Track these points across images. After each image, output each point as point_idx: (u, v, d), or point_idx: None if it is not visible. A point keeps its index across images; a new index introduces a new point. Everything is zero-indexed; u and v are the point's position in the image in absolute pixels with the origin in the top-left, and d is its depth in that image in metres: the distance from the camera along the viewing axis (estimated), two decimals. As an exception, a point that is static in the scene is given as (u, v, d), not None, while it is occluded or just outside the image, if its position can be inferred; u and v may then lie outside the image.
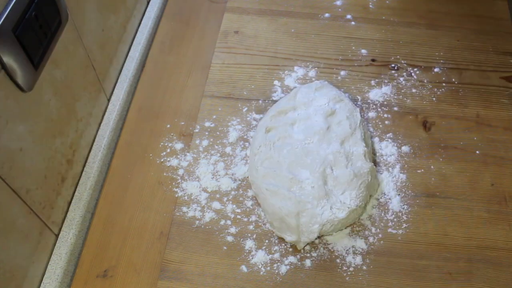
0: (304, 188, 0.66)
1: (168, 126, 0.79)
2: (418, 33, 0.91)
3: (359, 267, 0.66)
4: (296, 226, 0.64)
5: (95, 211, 0.71)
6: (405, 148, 0.76)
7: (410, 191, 0.72)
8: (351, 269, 0.66)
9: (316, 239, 0.66)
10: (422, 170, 0.74)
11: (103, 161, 0.77)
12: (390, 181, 0.73)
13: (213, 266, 0.66)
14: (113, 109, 0.82)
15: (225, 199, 0.72)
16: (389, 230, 0.69)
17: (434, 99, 0.82)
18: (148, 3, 0.97)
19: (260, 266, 0.66)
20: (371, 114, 0.80)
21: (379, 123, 0.79)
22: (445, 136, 0.78)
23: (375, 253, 0.67)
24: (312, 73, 0.86)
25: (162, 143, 0.77)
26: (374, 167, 0.71)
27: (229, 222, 0.69)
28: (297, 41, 0.91)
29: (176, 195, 0.72)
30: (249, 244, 0.67)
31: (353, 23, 0.93)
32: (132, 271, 0.66)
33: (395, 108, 0.81)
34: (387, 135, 0.78)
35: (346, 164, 0.69)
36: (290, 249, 0.67)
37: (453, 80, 0.85)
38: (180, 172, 0.74)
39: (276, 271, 0.65)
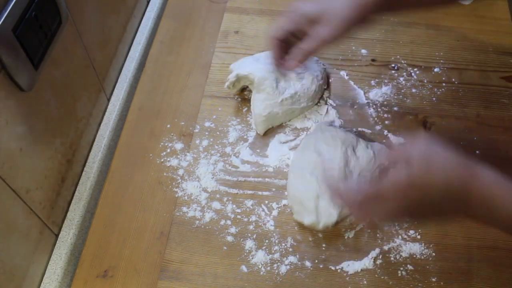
0: (326, 170, 0.68)
1: (168, 126, 0.79)
2: (418, 33, 0.91)
3: (359, 267, 0.66)
4: (315, 208, 0.66)
5: (95, 211, 0.71)
6: (405, 148, 0.76)
7: (410, 191, 0.72)
8: (351, 269, 0.66)
9: (335, 224, 0.66)
10: (422, 170, 0.74)
11: (103, 161, 0.77)
12: (390, 181, 0.73)
13: (213, 266, 0.66)
14: (113, 109, 0.82)
15: (225, 199, 0.71)
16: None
17: (434, 99, 0.82)
18: (148, 3, 0.97)
19: (260, 266, 0.66)
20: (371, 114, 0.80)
21: (379, 123, 0.79)
22: (445, 136, 0.78)
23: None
24: (312, 73, 0.86)
25: (162, 143, 0.77)
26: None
27: (229, 222, 0.69)
28: (297, 41, 0.90)
29: (176, 195, 0.72)
30: (249, 244, 0.67)
31: (353, 23, 0.93)
32: (132, 271, 0.65)
33: (395, 108, 0.81)
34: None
35: (367, 144, 0.71)
36: (290, 249, 0.67)
37: (453, 80, 0.85)
38: (180, 172, 0.74)
39: (276, 271, 0.65)
